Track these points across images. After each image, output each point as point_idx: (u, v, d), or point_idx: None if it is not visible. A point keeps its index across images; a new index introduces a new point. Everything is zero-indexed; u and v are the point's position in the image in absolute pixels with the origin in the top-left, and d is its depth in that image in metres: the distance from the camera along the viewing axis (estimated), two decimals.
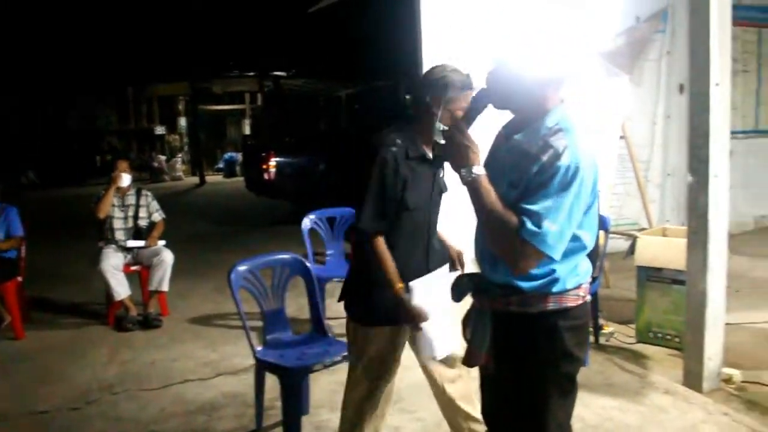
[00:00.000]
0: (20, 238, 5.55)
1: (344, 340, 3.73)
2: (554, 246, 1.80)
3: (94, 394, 4.17)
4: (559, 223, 1.79)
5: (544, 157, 1.81)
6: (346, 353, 3.34)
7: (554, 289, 1.92)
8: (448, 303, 2.26)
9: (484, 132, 2.13)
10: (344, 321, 2.80)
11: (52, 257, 8.28)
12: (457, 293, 2.12)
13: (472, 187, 1.85)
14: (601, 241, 4.69)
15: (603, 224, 4.65)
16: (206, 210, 14.24)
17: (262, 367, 3.31)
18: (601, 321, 4.79)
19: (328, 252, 5.39)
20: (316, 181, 10.56)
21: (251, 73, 21.83)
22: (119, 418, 3.81)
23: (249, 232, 10.85)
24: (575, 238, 1.89)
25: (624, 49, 7.27)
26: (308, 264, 3.59)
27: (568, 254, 1.88)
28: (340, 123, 10.50)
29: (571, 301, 1.95)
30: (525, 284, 1.91)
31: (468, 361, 2.11)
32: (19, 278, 5.51)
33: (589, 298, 2.04)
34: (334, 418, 3.66)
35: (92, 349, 5.02)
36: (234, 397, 4.00)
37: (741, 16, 8.01)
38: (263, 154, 10.82)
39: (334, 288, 6.38)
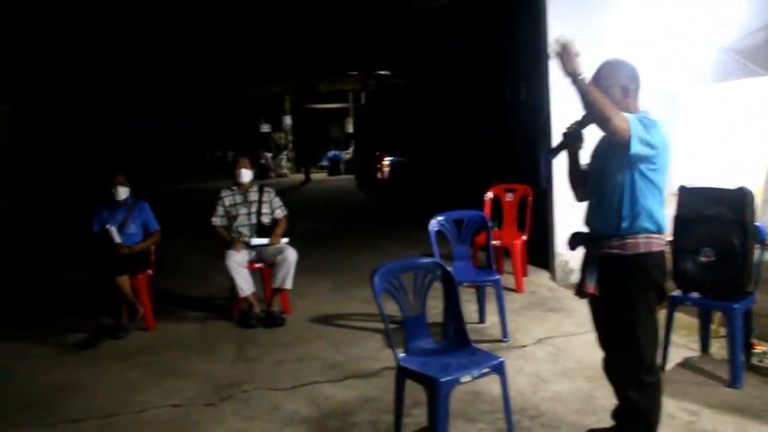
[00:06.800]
0: (158, 232, 5.71)
1: (484, 349, 3.57)
2: (635, 131, 2.56)
3: (225, 390, 4.17)
4: (640, 130, 2.58)
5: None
6: (492, 364, 3.18)
7: (642, 233, 2.73)
8: None
9: None
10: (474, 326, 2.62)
11: (167, 250, 8.46)
12: (573, 245, 3.04)
13: (584, 84, 2.59)
14: (756, 252, 4.32)
15: (760, 235, 4.27)
16: (315, 207, 14.15)
17: (403, 374, 3.18)
18: (753, 340, 4.39)
19: (456, 255, 5.21)
20: (428, 182, 10.42)
21: (355, 72, 21.90)
22: (252, 418, 3.78)
23: (364, 230, 10.77)
24: (657, 195, 2.74)
25: (764, 45, 6.75)
26: (450, 270, 3.43)
27: (651, 207, 2.73)
28: (449, 124, 10.31)
29: (655, 247, 2.77)
30: (622, 225, 2.73)
31: (578, 291, 2.97)
32: (150, 271, 5.65)
33: (664, 242, 2.82)
34: (472, 429, 3.51)
35: (218, 345, 5.07)
36: (366, 401, 3.88)
37: None
38: (377, 154, 10.75)
39: (460, 292, 6.21)
